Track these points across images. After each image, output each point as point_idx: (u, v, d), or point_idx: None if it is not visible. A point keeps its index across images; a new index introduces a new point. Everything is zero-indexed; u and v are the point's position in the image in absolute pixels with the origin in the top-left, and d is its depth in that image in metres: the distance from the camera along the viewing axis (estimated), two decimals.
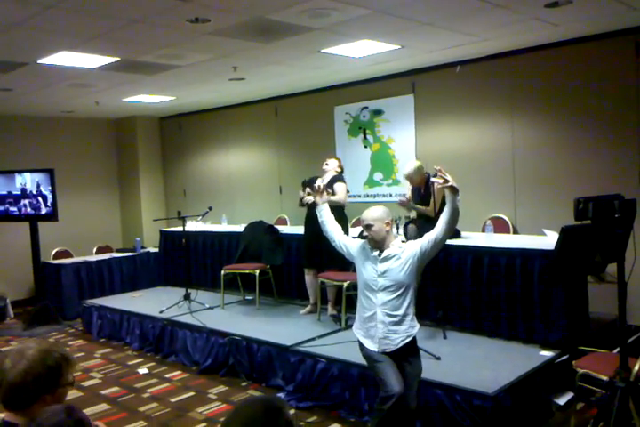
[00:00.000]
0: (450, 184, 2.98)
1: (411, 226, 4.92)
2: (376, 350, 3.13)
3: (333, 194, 5.32)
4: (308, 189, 5.24)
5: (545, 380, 3.91)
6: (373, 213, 3.14)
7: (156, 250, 8.08)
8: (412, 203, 5.05)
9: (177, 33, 4.45)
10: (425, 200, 5.03)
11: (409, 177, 5.12)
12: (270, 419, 1.34)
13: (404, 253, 3.11)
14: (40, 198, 7.21)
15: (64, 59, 5.09)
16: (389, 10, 4.08)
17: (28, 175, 7.30)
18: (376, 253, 3.14)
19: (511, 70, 5.67)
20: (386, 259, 3.11)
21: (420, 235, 4.75)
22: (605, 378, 3.24)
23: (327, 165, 5.54)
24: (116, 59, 5.20)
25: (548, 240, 4.56)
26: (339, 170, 5.54)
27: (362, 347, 3.22)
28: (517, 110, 5.69)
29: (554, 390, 3.96)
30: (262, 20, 4.18)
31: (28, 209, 7.28)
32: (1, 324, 7.38)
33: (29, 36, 4.38)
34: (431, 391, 3.65)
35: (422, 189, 5.15)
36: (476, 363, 4.04)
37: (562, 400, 3.92)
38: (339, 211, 5.37)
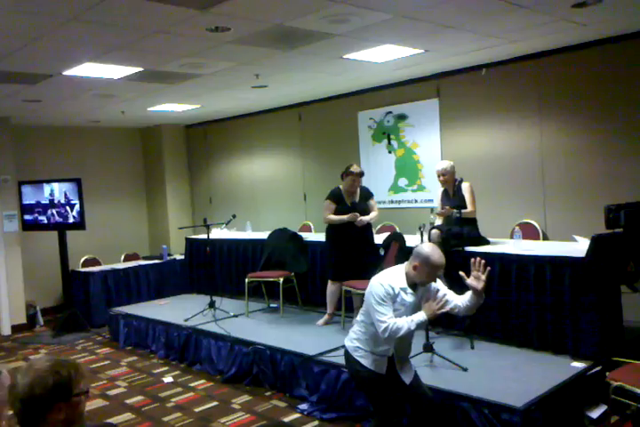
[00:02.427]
0: (481, 289, 2.96)
1: (434, 231, 4.82)
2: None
3: (368, 207, 5.37)
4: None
5: (577, 392, 3.77)
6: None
7: (183, 257, 8.12)
8: (453, 211, 4.94)
9: (198, 42, 4.46)
10: (456, 203, 4.95)
11: (442, 173, 5.09)
12: None
13: None
14: (68, 208, 7.30)
15: (88, 70, 5.14)
16: (410, 14, 4.01)
17: (56, 185, 7.41)
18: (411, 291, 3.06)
19: (538, 73, 5.54)
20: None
21: (443, 240, 4.72)
22: None
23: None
24: (139, 69, 5.24)
25: (578, 247, 4.41)
26: None
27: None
28: (545, 113, 5.55)
29: (586, 403, 3.81)
30: (282, 27, 4.15)
31: (57, 218, 7.38)
32: (31, 331, 7.50)
33: (53, 49, 4.44)
34: (458, 404, 3.55)
35: (451, 191, 5.09)
36: (505, 374, 3.92)
37: (595, 414, 3.76)
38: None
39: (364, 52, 5.08)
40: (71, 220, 7.32)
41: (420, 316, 2.93)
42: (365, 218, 5.26)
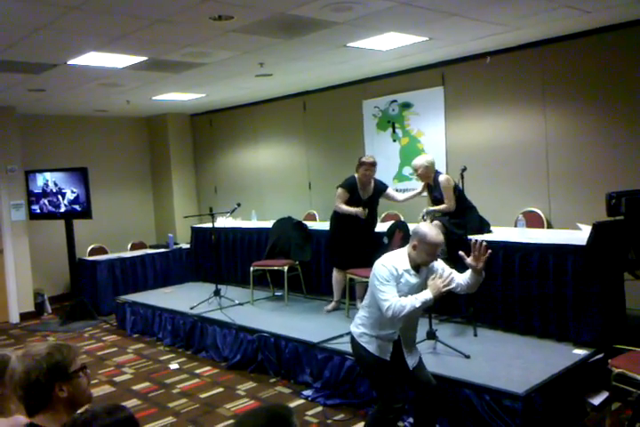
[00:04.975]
0: (480, 268, 2.97)
1: (435, 222, 4.83)
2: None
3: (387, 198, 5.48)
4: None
5: (579, 379, 3.80)
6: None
7: (189, 246, 8.17)
8: (432, 211, 4.96)
9: (201, 31, 4.45)
10: (437, 196, 4.99)
11: (415, 168, 5.10)
12: None
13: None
14: (60, 196, 7.37)
15: (93, 59, 5.15)
16: (414, 1, 3.99)
17: (48, 174, 7.50)
18: (414, 272, 3.09)
19: (543, 60, 5.50)
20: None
21: (446, 229, 4.73)
22: None
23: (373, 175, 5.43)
24: (144, 58, 5.24)
25: (582, 235, 4.40)
26: None
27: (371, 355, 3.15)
28: (550, 101, 5.52)
29: (588, 390, 3.84)
30: (285, 15, 4.14)
31: (49, 207, 7.48)
32: (38, 319, 7.58)
33: (57, 38, 4.44)
34: (460, 391, 3.58)
35: (432, 185, 5.10)
36: (507, 362, 3.95)
37: (597, 400, 3.79)
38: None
39: (368, 41, 5.06)
40: (63, 208, 7.40)
41: (426, 294, 2.92)
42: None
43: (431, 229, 3.02)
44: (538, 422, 3.40)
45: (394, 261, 3.05)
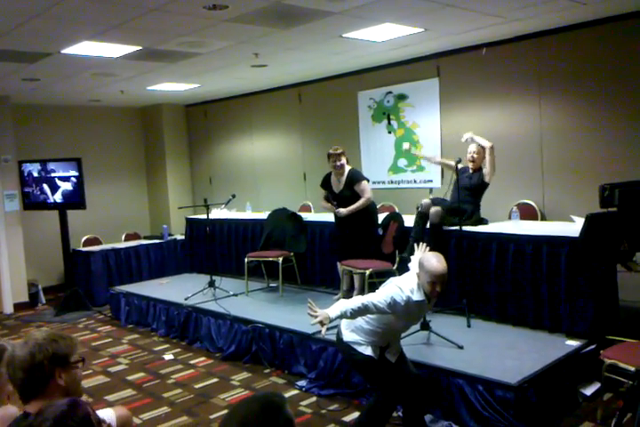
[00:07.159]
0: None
1: (433, 210, 4.83)
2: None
3: (355, 194, 5.28)
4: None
5: (571, 370, 3.83)
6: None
7: (183, 237, 8.16)
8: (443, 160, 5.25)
9: (196, 20, 4.42)
10: (474, 181, 5.01)
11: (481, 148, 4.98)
12: (269, 418, 1.31)
13: None
14: (48, 187, 7.37)
15: (86, 48, 5.12)
16: None
17: (29, 165, 7.47)
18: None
19: (539, 52, 5.50)
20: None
21: (442, 220, 4.76)
22: (633, 368, 3.16)
23: (341, 164, 5.29)
24: (138, 47, 5.21)
25: (576, 227, 4.42)
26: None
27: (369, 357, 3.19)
28: (545, 93, 5.52)
29: (580, 381, 3.87)
30: (280, 5, 4.11)
31: (43, 197, 7.46)
32: (33, 310, 7.57)
33: (50, 27, 4.41)
34: (453, 381, 3.61)
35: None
36: (500, 352, 3.97)
37: (589, 391, 3.83)
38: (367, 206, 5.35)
39: (364, 31, 5.04)
40: (51, 199, 7.41)
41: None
42: (342, 211, 5.23)
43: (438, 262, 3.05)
44: (530, 413, 3.42)
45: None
